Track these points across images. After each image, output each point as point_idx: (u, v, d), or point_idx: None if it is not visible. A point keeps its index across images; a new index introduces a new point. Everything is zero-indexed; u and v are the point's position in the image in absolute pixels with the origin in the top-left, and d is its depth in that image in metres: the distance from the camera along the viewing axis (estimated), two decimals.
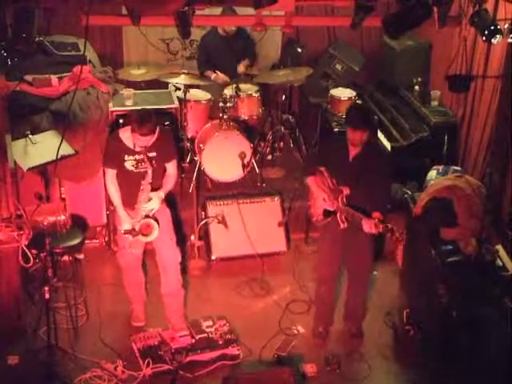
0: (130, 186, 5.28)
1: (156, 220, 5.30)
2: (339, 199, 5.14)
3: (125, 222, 5.31)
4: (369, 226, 4.98)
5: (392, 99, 7.71)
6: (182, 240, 5.92)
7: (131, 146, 5.24)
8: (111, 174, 5.34)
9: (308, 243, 6.81)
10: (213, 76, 7.54)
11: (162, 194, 5.35)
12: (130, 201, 5.31)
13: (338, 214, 5.18)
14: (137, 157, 5.24)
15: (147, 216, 5.28)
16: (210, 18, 6.40)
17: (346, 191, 5.13)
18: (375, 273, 6.49)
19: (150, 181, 5.23)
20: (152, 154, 5.23)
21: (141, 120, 5.09)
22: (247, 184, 7.07)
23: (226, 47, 7.59)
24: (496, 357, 4.78)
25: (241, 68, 7.67)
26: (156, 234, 5.29)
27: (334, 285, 5.65)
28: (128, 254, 5.46)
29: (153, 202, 5.28)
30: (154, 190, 5.30)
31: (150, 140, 5.15)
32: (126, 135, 5.26)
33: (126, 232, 5.27)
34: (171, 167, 5.43)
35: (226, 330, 5.55)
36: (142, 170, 5.24)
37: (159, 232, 5.32)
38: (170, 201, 5.66)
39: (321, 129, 7.50)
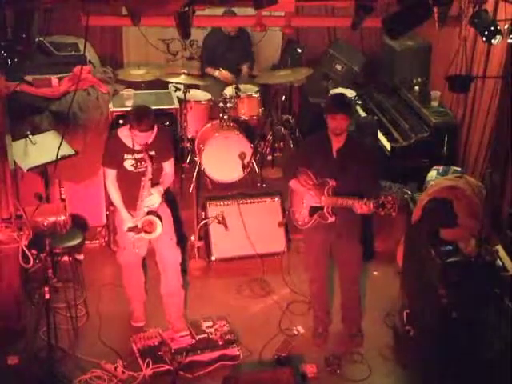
0: (131, 187, 5.28)
1: (158, 217, 5.28)
2: (325, 191, 5.15)
3: (127, 221, 5.30)
4: (360, 207, 5.01)
5: (392, 99, 7.72)
6: (182, 240, 5.92)
7: (130, 145, 5.24)
8: (111, 174, 5.34)
9: None
10: (216, 73, 7.55)
11: (161, 188, 5.33)
12: (131, 202, 5.30)
13: (325, 208, 5.19)
14: (136, 156, 5.24)
15: (150, 213, 5.27)
16: (210, 19, 6.40)
17: (332, 182, 5.15)
18: (375, 273, 6.50)
19: (150, 177, 5.21)
20: (151, 153, 5.23)
21: (139, 116, 5.09)
22: (247, 184, 7.08)
23: (228, 46, 7.60)
24: (496, 357, 4.78)
25: (244, 69, 7.68)
26: (159, 231, 5.28)
27: (325, 283, 5.67)
28: (129, 253, 5.46)
29: (154, 197, 5.26)
30: (153, 185, 5.29)
31: (149, 136, 5.14)
32: (124, 134, 5.26)
33: (129, 230, 5.25)
34: (168, 166, 5.42)
35: (226, 330, 5.55)
36: (142, 169, 5.24)
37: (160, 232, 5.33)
38: (169, 201, 5.67)
39: (321, 129, 7.49)
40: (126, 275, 5.68)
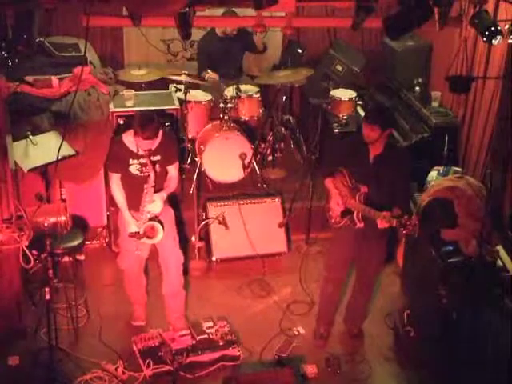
0: (135, 190, 5.24)
1: (160, 222, 5.29)
2: (357, 197, 5.14)
3: (131, 224, 5.29)
4: (383, 222, 4.99)
5: (392, 100, 7.71)
6: (182, 241, 5.91)
7: (135, 150, 5.22)
8: (116, 177, 5.32)
9: (309, 243, 6.82)
10: (207, 76, 7.53)
11: (164, 194, 5.33)
12: (135, 204, 5.28)
13: (355, 213, 5.17)
14: (141, 160, 5.21)
15: (152, 218, 5.27)
16: (210, 19, 6.40)
17: (364, 189, 5.11)
18: None
19: (153, 184, 5.22)
20: (156, 158, 5.21)
21: (143, 123, 5.06)
22: (248, 185, 7.07)
23: (224, 48, 7.58)
24: (496, 358, 4.78)
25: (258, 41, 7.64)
26: (161, 236, 5.28)
27: (340, 286, 5.65)
28: (131, 257, 5.46)
29: (156, 204, 5.25)
30: (156, 192, 5.29)
31: (154, 143, 5.12)
32: (129, 139, 5.25)
33: (131, 235, 5.26)
34: (173, 170, 5.42)
35: (227, 330, 5.55)
36: (147, 173, 5.23)
37: (163, 233, 5.32)
38: (171, 202, 5.66)
39: (321, 130, 7.51)
40: (128, 279, 5.67)
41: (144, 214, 5.26)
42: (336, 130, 7.26)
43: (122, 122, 6.65)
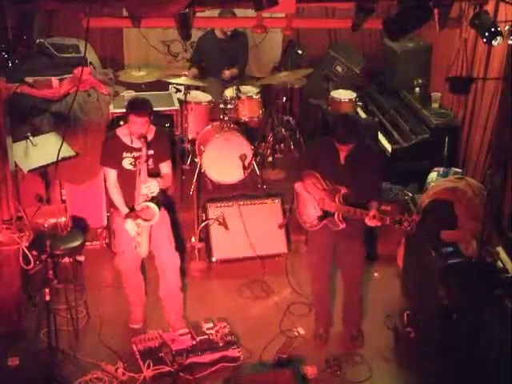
0: (132, 189, 5.25)
1: (158, 204, 5.20)
2: (336, 199, 5.13)
3: (128, 222, 5.25)
4: (372, 220, 4.98)
5: (392, 101, 7.72)
6: (182, 242, 5.91)
7: (129, 143, 5.24)
8: (112, 174, 5.31)
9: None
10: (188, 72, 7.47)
11: (160, 180, 5.26)
12: (130, 201, 5.28)
13: (336, 214, 5.17)
14: (135, 154, 5.23)
15: (148, 200, 5.21)
16: (210, 20, 6.41)
17: (344, 190, 5.11)
18: (376, 274, 6.49)
19: (146, 158, 5.13)
20: (150, 152, 5.22)
21: (135, 101, 5.21)
22: (248, 186, 7.07)
23: (220, 50, 7.57)
24: (496, 359, 4.78)
25: (226, 74, 7.60)
26: (157, 218, 5.21)
27: (327, 282, 5.66)
28: (127, 257, 5.45)
29: (152, 184, 5.17)
30: (151, 176, 5.24)
31: (145, 124, 5.12)
32: (123, 133, 5.28)
33: (126, 216, 5.18)
34: (166, 167, 5.40)
35: (227, 331, 5.55)
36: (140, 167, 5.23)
37: (159, 236, 5.34)
38: (168, 204, 5.65)
39: (321, 130, 7.51)
40: (126, 279, 5.65)
41: (139, 197, 5.20)
42: None
43: (121, 122, 6.65)
